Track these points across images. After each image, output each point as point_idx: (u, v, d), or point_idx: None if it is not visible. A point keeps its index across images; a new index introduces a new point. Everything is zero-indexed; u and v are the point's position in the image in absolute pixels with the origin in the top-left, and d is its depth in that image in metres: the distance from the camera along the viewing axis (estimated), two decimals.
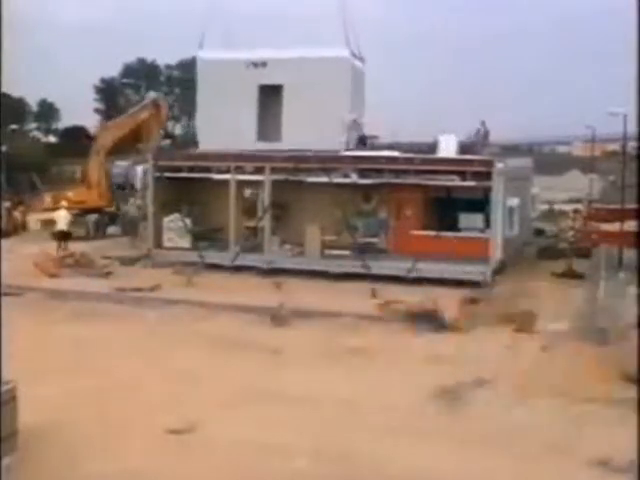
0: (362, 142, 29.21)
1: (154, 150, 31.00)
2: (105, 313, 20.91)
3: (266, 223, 27.32)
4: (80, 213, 35.25)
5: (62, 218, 30.16)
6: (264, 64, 27.97)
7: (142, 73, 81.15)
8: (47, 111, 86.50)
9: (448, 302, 20.70)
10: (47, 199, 37.37)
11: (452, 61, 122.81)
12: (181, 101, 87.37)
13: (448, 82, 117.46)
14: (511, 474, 10.92)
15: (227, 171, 27.75)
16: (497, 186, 25.07)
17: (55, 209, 34.17)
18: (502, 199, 25.94)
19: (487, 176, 24.80)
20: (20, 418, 10.63)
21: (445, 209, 26.48)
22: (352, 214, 27.28)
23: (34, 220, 37.58)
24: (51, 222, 32.95)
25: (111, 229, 36.68)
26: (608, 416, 12.87)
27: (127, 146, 36.85)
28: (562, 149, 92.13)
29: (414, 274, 24.62)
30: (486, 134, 30.08)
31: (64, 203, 31.98)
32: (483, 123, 29.91)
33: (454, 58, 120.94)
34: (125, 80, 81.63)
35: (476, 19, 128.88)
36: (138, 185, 34.21)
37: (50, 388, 13.51)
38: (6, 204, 36.52)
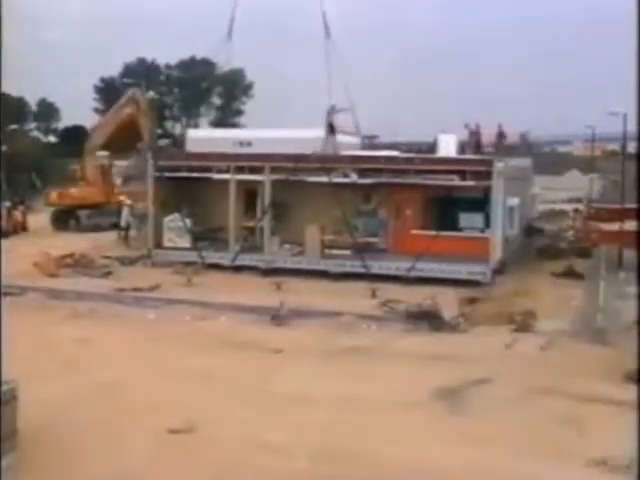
0: (331, 130, 28.93)
1: (153, 145, 32.15)
2: (105, 313, 20.92)
3: (266, 223, 27.32)
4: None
5: (124, 214, 33.10)
6: (249, 143, 29.20)
7: (142, 73, 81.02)
8: (47, 111, 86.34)
9: (448, 302, 20.73)
10: (53, 195, 39.45)
11: (451, 60, 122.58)
12: (181, 101, 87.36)
13: (447, 81, 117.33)
14: (512, 473, 10.93)
15: (227, 171, 27.78)
16: (497, 186, 25.07)
17: (52, 204, 36.55)
18: (502, 199, 25.95)
19: (487, 176, 24.81)
20: (20, 418, 10.64)
21: (445, 209, 26.46)
22: (352, 214, 27.27)
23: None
24: None
25: None
26: (607, 416, 12.87)
27: (122, 145, 37.96)
28: (562, 149, 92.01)
29: (414, 274, 24.63)
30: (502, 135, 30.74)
31: (127, 201, 34.11)
32: (500, 125, 30.87)
33: (452, 57, 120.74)
34: (125, 80, 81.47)
35: (475, 17, 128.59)
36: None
37: (49, 388, 13.50)
38: (6, 204, 36.63)
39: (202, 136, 33.17)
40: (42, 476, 10.55)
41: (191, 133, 33.69)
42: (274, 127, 29.01)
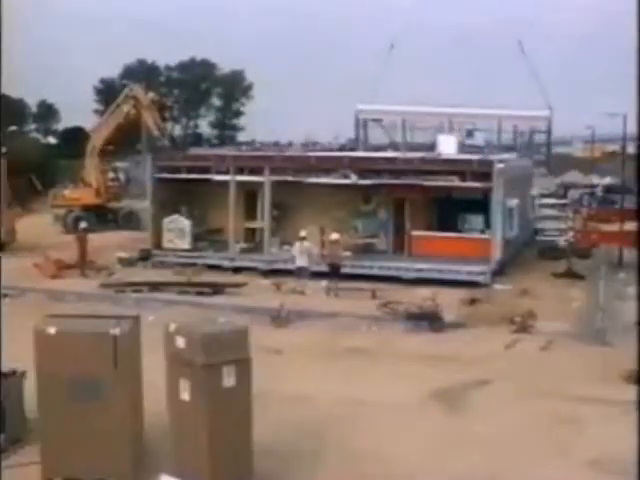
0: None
1: (162, 140, 32.68)
2: (105, 314, 20.85)
3: (266, 224, 27.31)
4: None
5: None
6: None
7: (142, 74, 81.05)
8: (46, 112, 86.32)
9: (448, 302, 20.72)
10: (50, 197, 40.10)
11: (449, 59, 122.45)
12: (180, 102, 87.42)
13: (447, 80, 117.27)
14: (511, 473, 10.93)
15: (227, 172, 27.79)
16: (497, 187, 25.06)
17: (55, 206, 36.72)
18: (502, 200, 25.94)
19: (487, 177, 24.80)
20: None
21: (445, 210, 26.48)
22: (352, 215, 27.28)
23: None
24: None
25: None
26: (607, 416, 12.87)
27: (124, 145, 38.04)
28: (562, 149, 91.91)
29: (414, 275, 24.63)
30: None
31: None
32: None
33: (451, 56, 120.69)
34: (125, 81, 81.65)
35: (476, 16, 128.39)
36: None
37: None
38: None
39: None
40: None
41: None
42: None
